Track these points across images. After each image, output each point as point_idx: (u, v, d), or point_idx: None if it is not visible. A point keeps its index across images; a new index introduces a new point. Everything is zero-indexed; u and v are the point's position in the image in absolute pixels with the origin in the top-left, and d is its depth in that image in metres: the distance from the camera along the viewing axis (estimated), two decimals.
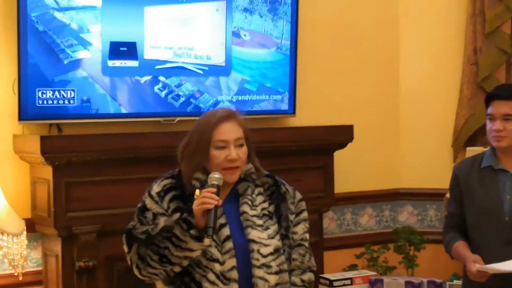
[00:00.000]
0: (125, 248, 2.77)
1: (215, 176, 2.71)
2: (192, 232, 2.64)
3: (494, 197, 3.40)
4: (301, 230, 2.94)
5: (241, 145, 2.81)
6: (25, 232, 3.83)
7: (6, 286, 4.02)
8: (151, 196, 2.79)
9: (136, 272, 2.77)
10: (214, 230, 2.65)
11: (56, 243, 3.99)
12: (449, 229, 3.57)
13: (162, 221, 2.72)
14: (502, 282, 3.30)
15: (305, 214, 2.96)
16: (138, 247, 2.71)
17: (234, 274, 2.72)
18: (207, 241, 2.66)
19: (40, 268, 4.15)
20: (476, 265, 3.25)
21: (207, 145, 2.77)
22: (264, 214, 2.83)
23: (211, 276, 2.70)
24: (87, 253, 3.97)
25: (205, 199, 2.63)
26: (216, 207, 2.64)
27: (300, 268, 2.92)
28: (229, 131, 2.79)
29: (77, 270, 3.95)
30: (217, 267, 2.71)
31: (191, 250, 2.66)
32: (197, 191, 2.69)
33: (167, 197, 2.78)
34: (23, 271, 3.85)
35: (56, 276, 3.99)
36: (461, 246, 3.44)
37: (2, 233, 3.71)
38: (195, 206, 2.64)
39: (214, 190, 2.68)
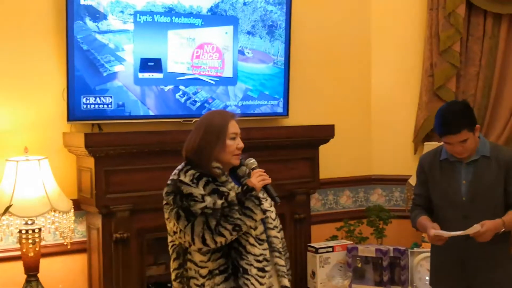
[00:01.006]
0: (183, 224, 2.65)
1: (252, 161, 2.85)
2: (262, 206, 2.73)
3: (453, 182, 3.29)
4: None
5: (240, 138, 2.84)
6: (72, 210, 3.81)
7: (58, 253, 4.01)
8: (186, 184, 2.68)
9: (198, 241, 2.64)
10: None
11: (97, 219, 3.94)
12: (416, 207, 3.46)
13: (209, 200, 2.66)
14: (461, 241, 3.21)
15: None
16: (207, 219, 2.63)
17: (264, 236, 2.78)
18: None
19: (85, 239, 4.12)
20: (432, 230, 3.21)
21: (225, 137, 2.77)
22: (260, 190, 2.82)
23: (251, 240, 2.74)
24: (122, 227, 3.92)
25: (263, 176, 2.76)
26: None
27: None
28: (237, 126, 2.84)
29: (114, 240, 3.91)
30: (253, 232, 2.74)
31: (256, 220, 2.71)
32: (251, 171, 2.82)
33: (201, 183, 2.70)
34: (71, 241, 3.83)
35: (98, 245, 3.96)
36: (424, 219, 3.35)
37: (54, 211, 3.68)
38: (257, 182, 2.74)
39: (263, 170, 2.81)
